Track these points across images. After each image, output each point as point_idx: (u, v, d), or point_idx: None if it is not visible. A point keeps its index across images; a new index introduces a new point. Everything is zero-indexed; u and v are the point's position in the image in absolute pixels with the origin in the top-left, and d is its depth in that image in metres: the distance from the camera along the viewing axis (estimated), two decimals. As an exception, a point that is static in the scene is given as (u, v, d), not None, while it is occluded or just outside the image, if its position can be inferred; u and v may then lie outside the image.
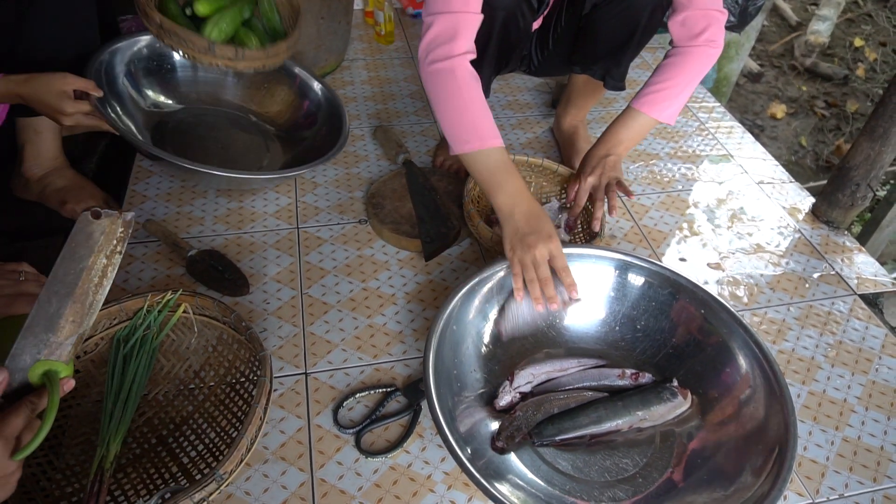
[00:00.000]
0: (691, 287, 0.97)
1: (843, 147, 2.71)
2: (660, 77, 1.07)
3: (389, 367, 1.00)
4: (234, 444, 0.72)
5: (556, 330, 1.01)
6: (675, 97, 1.07)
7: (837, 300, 1.18)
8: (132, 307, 0.88)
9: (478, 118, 0.97)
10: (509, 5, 1.05)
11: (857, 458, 0.93)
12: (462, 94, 0.96)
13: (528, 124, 1.60)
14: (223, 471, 0.70)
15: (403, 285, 1.13)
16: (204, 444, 0.85)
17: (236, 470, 0.74)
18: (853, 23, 3.62)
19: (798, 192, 1.44)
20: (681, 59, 1.05)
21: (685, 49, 1.05)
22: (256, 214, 1.26)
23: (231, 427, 0.86)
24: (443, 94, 0.97)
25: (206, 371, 0.92)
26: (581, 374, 0.95)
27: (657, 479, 0.85)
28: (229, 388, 0.90)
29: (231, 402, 0.89)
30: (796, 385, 1.02)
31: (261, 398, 0.77)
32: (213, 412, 0.88)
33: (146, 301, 0.88)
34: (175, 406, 0.89)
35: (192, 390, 0.91)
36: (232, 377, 0.91)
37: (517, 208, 0.95)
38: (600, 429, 0.87)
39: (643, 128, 1.11)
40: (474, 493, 0.85)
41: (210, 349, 0.93)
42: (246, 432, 0.73)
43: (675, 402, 0.89)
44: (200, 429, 0.87)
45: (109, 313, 0.87)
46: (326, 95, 1.40)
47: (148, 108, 1.30)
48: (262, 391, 0.77)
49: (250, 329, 0.85)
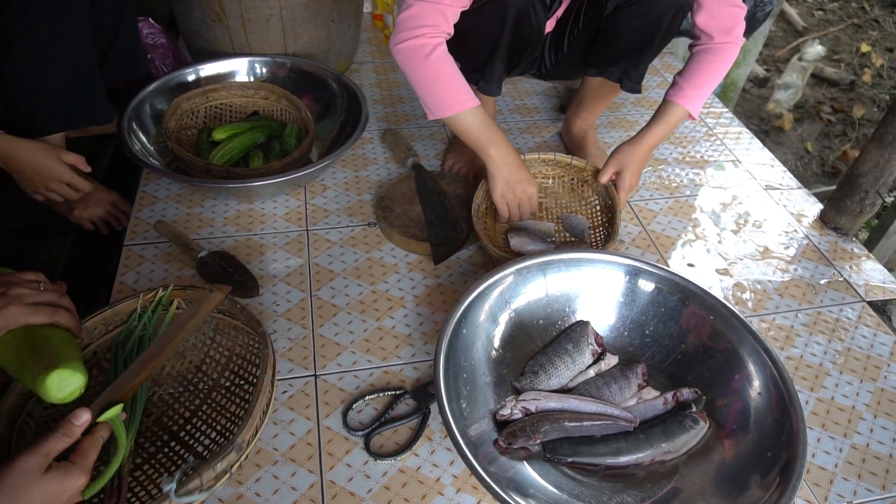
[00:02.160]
0: (700, 293, 0.97)
1: (850, 153, 2.71)
2: (697, 71, 1.12)
3: (398, 369, 1.00)
4: (248, 413, 0.73)
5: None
6: (708, 93, 1.13)
7: (846, 307, 1.18)
8: (126, 310, 0.89)
9: (452, 84, 1.06)
10: (521, 1, 1.06)
11: (865, 465, 0.93)
12: (432, 65, 1.03)
13: (536, 128, 1.60)
14: (241, 440, 0.71)
15: (412, 288, 1.14)
16: (217, 430, 0.86)
17: (253, 441, 0.74)
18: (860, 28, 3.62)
19: (806, 198, 1.44)
20: (715, 57, 1.11)
21: (719, 46, 1.10)
22: (266, 216, 1.26)
23: (241, 409, 0.87)
24: (415, 66, 1.04)
25: (207, 364, 0.93)
26: (596, 403, 0.92)
27: (666, 484, 0.85)
28: (234, 374, 0.91)
29: (237, 388, 0.90)
30: (804, 391, 1.02)
31: (267, 369, 0.78)
32: (220, 401, 0.89)
33: (139, 302, 0.88)
34: (182, 402, 0.90)
35: (197, 384, 0.92)
36: (235, 364, 0.92)
37: (507, 159, 1.13)
38: (618, 461, 0.86)
39: (678, 121, 1.17)
40: (483, 497, 0.86)
41: (208, 341, 0.94)
42: (258, 402, 0.74)
43: (697, 429, 0.88)
44: (211, 418, 0.88)
45: (104, 318, 0.87)
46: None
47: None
48: (267, 364, 0.78)
49: (245, 310, 0.86)
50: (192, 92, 1.36)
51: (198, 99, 1.38)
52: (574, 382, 0.95)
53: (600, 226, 1.25)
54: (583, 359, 0.95)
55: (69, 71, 1.10)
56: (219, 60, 1.47)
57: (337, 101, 1.45)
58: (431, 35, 1.01)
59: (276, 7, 1.45)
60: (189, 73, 1.44)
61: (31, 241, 1.20)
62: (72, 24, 1.07)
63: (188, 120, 1.38)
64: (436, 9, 1.00)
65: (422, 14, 1.00)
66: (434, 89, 1.06)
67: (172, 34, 1.66)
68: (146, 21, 1.56)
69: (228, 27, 1.48)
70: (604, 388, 0.93)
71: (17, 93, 1.06)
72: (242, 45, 1.51)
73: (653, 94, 1.78)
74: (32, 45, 1.03)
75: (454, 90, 1.06)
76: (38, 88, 1.08)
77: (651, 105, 1.73)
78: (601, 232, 1.24)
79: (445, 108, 1.06)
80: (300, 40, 1.54)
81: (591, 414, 0.90)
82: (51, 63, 1.07)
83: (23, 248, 1.18)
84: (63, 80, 1.09)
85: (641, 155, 1.18)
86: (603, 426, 0.89)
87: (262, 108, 1.44)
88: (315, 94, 1.48)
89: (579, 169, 1.28)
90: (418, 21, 1.00)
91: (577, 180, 1.31)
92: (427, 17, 1.00)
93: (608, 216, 1.24)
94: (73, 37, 1.08)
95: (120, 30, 1.29)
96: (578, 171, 1.29)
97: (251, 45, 1.52)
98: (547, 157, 1.28)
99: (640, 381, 0.94)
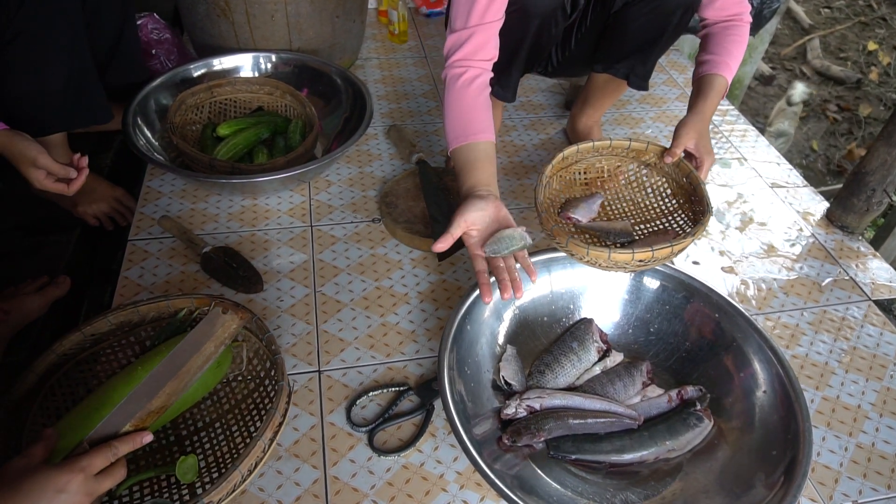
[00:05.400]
0: (706, 291, 0.97)
1: (856, 151, 2.69)
2: (722, 42, 1.10)
3: (402, 365, 1.00)
4: (224, 475, 0.70)
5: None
6: (737, 63, 1.10)
7: (852, 306, 1.17)
8: (147, 312, 0.89)
9: (473, 120, 0.99)
10: (546, 13, 1.06)
11: (871, 464, 0.93)
12: (461, 99, 0.99)
13: (541, 125, 1.60)
14: (207, 500, 0.68)
15: (416, 284, 1.14)
16: (215, 457, 0.84)
17: (226, 500, 0.71)
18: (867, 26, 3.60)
19: (812, 196, 1.43)
20: (735, 30, 1.10)
21: (734, 22, 1.10)
22: (270, 212, 1.26)
23: (244, 442, 0.84)
24: (445, 98, 1.02)
25: (237, 382, 0.91)
26: (600, 401, 0.91)
27: (670, 482, 0.85)
28: (255, 405, 0.88)
29: (251, 417, 0.87)
30: (810, 390, 1.02)
31: (264, 431, 0.74)
32: (232, 424, 0.87)
33: (168, 308, 0.88)
34: (201, 409, 0.89)
35: (221, 398, 0.90)
36: (260, 393, 0.89)
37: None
38: (621, 458, 0.86)
39: (723, 92, 1.10)
40: (487, 493, 0.86)
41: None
42: (240, 465, 0.71)
43: (701, 427, 0.88)
44: (216, 441, 0.86)
45: (126, 315, 0.87)
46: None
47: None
48: (271, 421, 0.75)
49: (276, 355, 0.84)
50: (197, 87, 1.36)
51: (202, 94, 1.37)
52: (581, 380, 0.95)
53: (678, 210, 1.06)
54: (588, 356, 0.95)
55: (64, 72, 1.10)
56: (223, 56, 1.47)
57: (341, 96, 1.44)
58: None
59: (280, 3, 1.45)
60: (194, 68, 1.44)
61: (37, 237, 1.20)
62: (64, 26, 1.07)
63: (193, 115, 1.37)
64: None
65: (459, 39, 0.99)
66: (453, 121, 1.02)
67: (177, 29, 1.66)
68: (151, 16, 1.56)
69: (233, 22, 1.47)
70: (608, 385, 0.93)
71: (14, 95, 1.06)
72: (247, 40, 1.51)
73: (658, 92, 1.77)
74: (26, 49, 1.03)
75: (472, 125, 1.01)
76: (35, 91, 1.08)
77: (657, 102, 1.72)
78: (679, 217, 1.05)
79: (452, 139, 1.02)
80: (305, 36, 1.53)
81: (596, 411, 0.89)
82: (46, 65, 1.07)
83: (28, 244, 1.19)
84: (59, 81, 1.09)
85: (707, 125, 1.08)
86: (607, 424, 0.89)
87: (267, 104, 1.44)
88: (319, 89, 1.48)
89: (638, 152, 1.08)
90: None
91: (638, 165, 1.10)
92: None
93: (685, 197, 1.05)
94: (66, 37, 1.08)
95: (122, 36, 1.30)
96: (637, 155, 1.09)
97: (256, 41, 1.51)
98: (601, 146, 1.08)
99: (645, 379, 0.94)
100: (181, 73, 1.42)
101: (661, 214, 1.07)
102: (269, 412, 0.76)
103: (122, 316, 0.87)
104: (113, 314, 0.86)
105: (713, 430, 0.89)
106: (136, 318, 0.89)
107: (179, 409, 0.84)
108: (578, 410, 0.89)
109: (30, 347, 1.01)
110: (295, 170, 1.18)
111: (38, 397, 0.80)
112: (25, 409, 0.78)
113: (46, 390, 0.81)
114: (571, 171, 1.11)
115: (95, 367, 0.87)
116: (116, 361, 0.89)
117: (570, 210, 1.05)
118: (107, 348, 0.88)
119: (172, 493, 0.79)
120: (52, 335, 1.04)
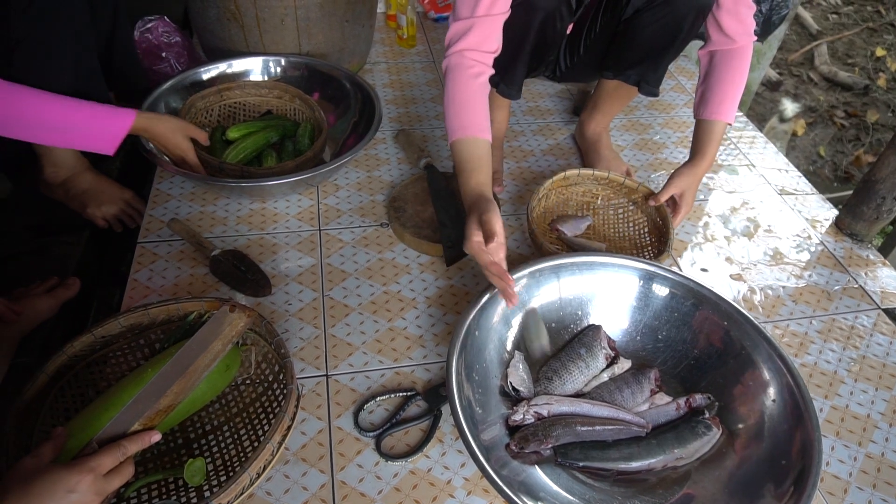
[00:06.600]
0: (715, 298, 0.96)
1: (863, 157, 2.68)
2: (726, 81, 1.11)
3: (410, 371, 1.00)
4: (233, 478, 0.71)
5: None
6: (739, 97, 1.12)
7: (861, 314, 1.17)
8: (157, 314, 0.89)
9: (478, 116, 1.00)
10: (550, 6, 1.06)
11: (880, 474, 0.92)
12: (467, 90, 1.00)
13: (549, 130, 1.60)
14: (216, 502, 0.69)
15: (424, 289, 1.14)
16: (223, 461, 0.84)
17: (234, 503, 0.72)
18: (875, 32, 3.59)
19: (821, 203, 1.43)
20: (739, 62, 1.11)
21: (739, 49, 1.10)
22: (279, 216, 1.26)
23: (252, 447, 0.84)
24: (447, 85, 1.02)
25: (246, 386, 0.91)
26: (608, 408, 0.91)
27: (678, 490, 0.84)
28: (263, 409, 0.89)
29: (259, 421, 0.87)
30: (819, 399, 1.01)
31: (273, 434, 0.75)
32: (240, 429, 0.88)
33: (179, 311, 0.89)
34: (210, 413, 0.89)
35: (230, 402, 0.90)
36: (267, 398, 0.89)
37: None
38: (629, 466, 0.86)
39: (722, 135, 1.15)
40: (494, 499, 0.85)
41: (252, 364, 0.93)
42: (249, 468, 0.72)
43: (710, 435, 0.87)
44: (224, 445, 0.86)
45: (136, 317, 0.87)
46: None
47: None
48: (276, 431, 0.76)
49: (290, 385, 0.83)
50: (207, 91, 1.37)
51: (212, 97, 1.38)
52: (588, 387, 0.95)
53: (648, 246, 1.22)
54: (596, 363, 0.95)
55: (71, 75, 1.10)
56: (233, 59, 1.47)
57: (350, 100, 1.45)
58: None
59: (290, 7, 1.45)
60: (203, 71, 1.44)
61: (46, 238, 1.21)
62: (71, 28, 1.08)
63: (202, 118, 1.38)
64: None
65: (461, 28, 1.00)
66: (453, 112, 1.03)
67: (187, 33, 1.67)
68: (161, 19, 1.57)
69: (243, 26, 1.48)
70: (616, 392, 0.93)
71: None
72: (257, 44, 1.52)
73: (667, 98, 1.77)
74: (33, 52, 1.04)
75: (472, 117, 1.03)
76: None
77: (665, 108, 1.72)
78: (647, 252, 1.20)
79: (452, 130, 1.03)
80: (314, 40, 1.54)
81: (604, 418, 0.89)
82: (53, 68, 1.07)
83: (37, 245, 1.19)
84: (66, 84, 1.09)
85: (699, 179, 1.17)
86: (615, 431, 0.88)
87: (276, 108, 1.44)
88: (328, 93, 1.48)
89: (630, 190, 1.24)
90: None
91: (628, 201, 1.27)
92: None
93: (656, 236, 1.22)
94: (73, 40, 1.09)
95: (113, 45, 1.29)
96: (629, 192, 1.25)
97: (265, 45, 1.52)
98: (600, 175, 1.25)
99: (653, 386, 0.94)
100: (191, 76, 1.42)
101: (635, 246, 1.23)
102: (279, 415, 0.76)
103: (132, 318, 0.87)
104: (123, 316, 0.87)
105: (721, 438, 0.88)
106: (146, 321, 0.89)
107: (189, 410, 0.85)
108: (586, 417, 0.89)
109: (40, 348, 1.01)
110: (304, 174, 1.18)
111: (48, 398, 0.81)
112: (36, 410, 0.79)
113: (57, 391, 0.82)
114: (570, 191, 1.28)
115: (105, 369, 0.87)
116: (126, 363, 0.89)
117: (560, 223, 1.20)
118: (117, 350, 0.89)
119: (180, 495, 0.79)
120: (61, 336, 1.05)
